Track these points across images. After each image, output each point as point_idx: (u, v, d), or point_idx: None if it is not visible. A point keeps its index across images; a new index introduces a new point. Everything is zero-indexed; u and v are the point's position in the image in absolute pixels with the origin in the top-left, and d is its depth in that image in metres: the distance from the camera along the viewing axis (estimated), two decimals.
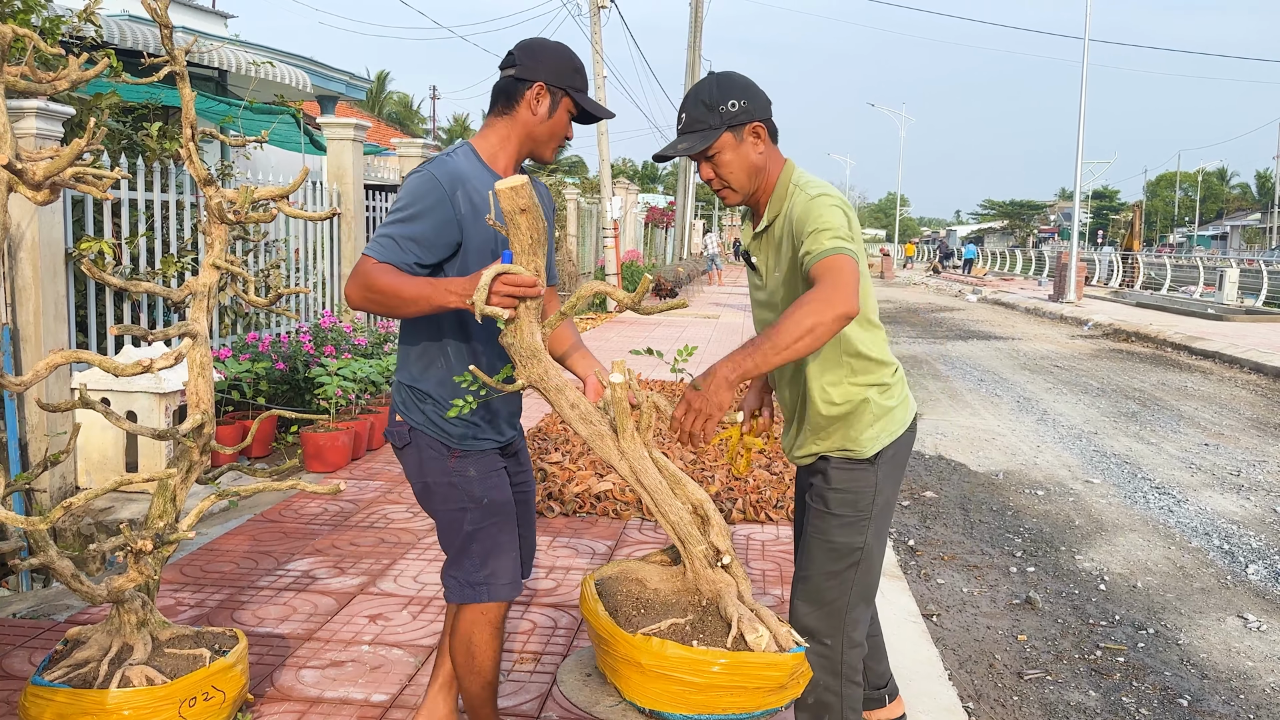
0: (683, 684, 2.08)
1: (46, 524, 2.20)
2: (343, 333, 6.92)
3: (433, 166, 2.25)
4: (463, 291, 2.07)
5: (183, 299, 2.76)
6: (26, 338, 4.77)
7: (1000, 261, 47.46)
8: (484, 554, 2.36)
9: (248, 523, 4.72)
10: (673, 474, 2.30)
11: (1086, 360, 13.75)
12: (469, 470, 2.34)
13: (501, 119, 2.34)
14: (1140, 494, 6.54)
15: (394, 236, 2.17)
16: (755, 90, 2.36)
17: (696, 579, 2.27)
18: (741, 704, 2.11)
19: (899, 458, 2.45)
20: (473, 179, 2.26)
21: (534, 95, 2.29)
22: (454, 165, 2.26)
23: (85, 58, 2.74)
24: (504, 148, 2.35)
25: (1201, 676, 3.88)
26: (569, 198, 18.93)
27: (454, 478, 2.34)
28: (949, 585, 4.83)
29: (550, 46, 2.35)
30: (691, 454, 5.99)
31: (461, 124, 58.78)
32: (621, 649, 2.15)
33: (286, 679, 3.09)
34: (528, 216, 2.01)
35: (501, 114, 2.34)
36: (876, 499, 2.42)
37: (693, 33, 26.79)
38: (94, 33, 6.28)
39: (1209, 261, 31.48)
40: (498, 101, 2.35)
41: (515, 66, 2.31)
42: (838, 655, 2.43)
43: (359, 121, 8.37)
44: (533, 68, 2.30)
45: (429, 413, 2.33)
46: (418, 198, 2.20)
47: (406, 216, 2.19)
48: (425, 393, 2.33)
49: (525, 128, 2.33)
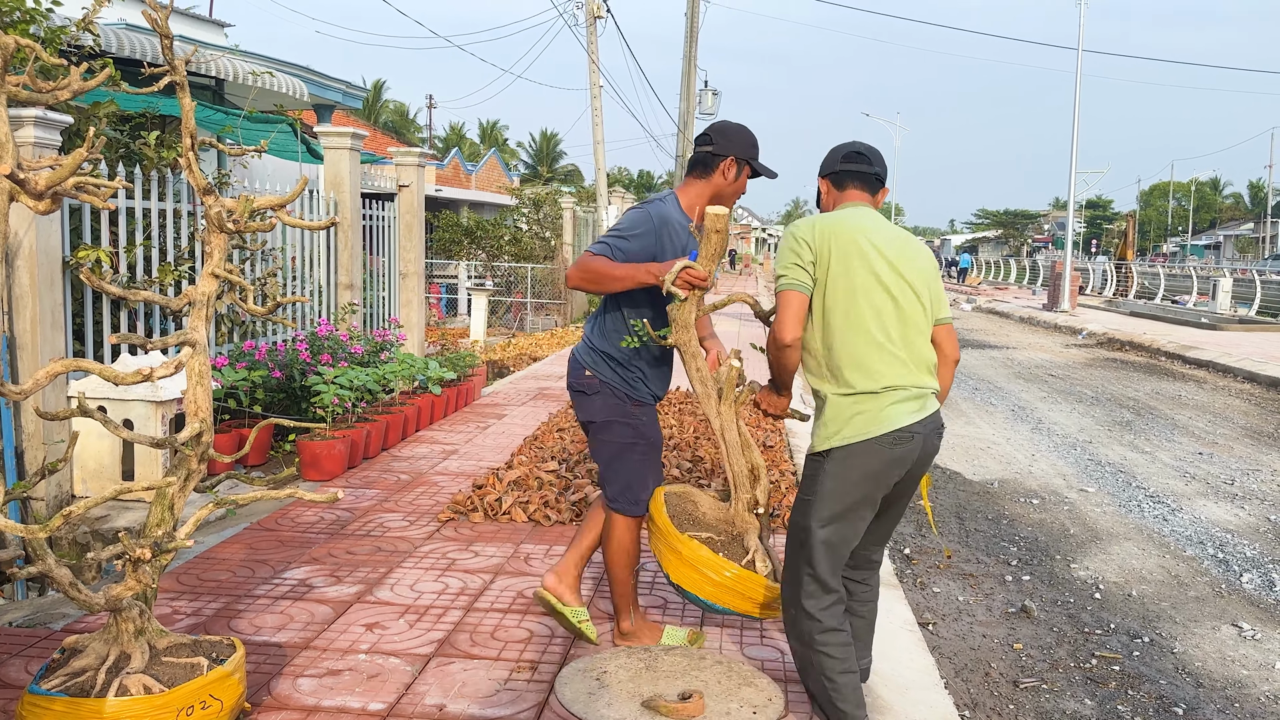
0: (703, 577, 3.03)
1: (46, 533, 2.20)
2: (339, 341, 6.93)
3: (650, 207, 3.22)
4: (659, 272, 2.97)
5: (181, 307, 2.77)
6: (24, 346, 4.77)
7: (995, 270, 47.58)
8: (645, 479, 3.26)
9: (245, 531, 4.72)
10: (745, 439, 3.16)
11: (1081, 369, 13.79)
12: (642, 416, 3.27)
13: (700, 180, 3.26)
14: (1135, 503, 6.55)
15: (612, 245, 3.10)
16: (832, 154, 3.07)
17: (735, 515, 3.19)
18: (737, 605, 3.06)
19: (857, 464, 2.73)
20: (674, 222, 3.20)
21: (727, 165, 3.22)
22: (664, 209, 3.20)
23: (85, 67, 2.75)
24: (699, 201, 3.25)
25: (1196, 685, 3.89)
26: (565, 206, 18.96)
27: (632, 420, 3.25)
28: (945, 594, 4.84)
29: (735, 128, 3.25)
30: (689, 462, 6.00)
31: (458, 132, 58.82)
32: (671, 540, 3.09)
33: (284, 688, 3.09)
34: (719, 236, 2.89)
35: (700, 177, 3.26)
36: (819, 489, 2.78)
37: (688, 43, 26.88)
38: (92, 42, 6.30)
39: (1202, 271, 31.57)
40: (696, 168, 3.27)
41: (712, 144, 3.20)
42: (793, 622, 2.86)
43: (356, 130, 8.38)
44: (726, 145, 3.21)
45: (616, 370, 3.24)
46: (635, 225, 3.15)
47: (625, 235, 3.13)
48: (613, 356, 3.24)
49: (717, 188, 3.25)
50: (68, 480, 5.04)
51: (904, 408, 2.73)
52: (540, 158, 62.22)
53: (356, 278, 8.26)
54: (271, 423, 3.23)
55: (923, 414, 2.76)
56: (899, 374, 2.74)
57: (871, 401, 2.72)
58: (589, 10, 19.14)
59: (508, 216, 20.03)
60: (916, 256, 2.84)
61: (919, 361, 2.79)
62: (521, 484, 5.48)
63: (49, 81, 2.61)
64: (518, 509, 5.07)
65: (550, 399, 8.84)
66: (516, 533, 4.81)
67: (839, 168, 2.98)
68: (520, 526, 4.92)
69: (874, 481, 2.75)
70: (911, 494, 2.93)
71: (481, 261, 18.03)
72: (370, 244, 9.05)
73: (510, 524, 4.96)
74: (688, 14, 27.07)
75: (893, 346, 2.75)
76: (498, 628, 3.62)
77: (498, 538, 4.71)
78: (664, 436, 6.83)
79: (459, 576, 4.15)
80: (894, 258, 2.78)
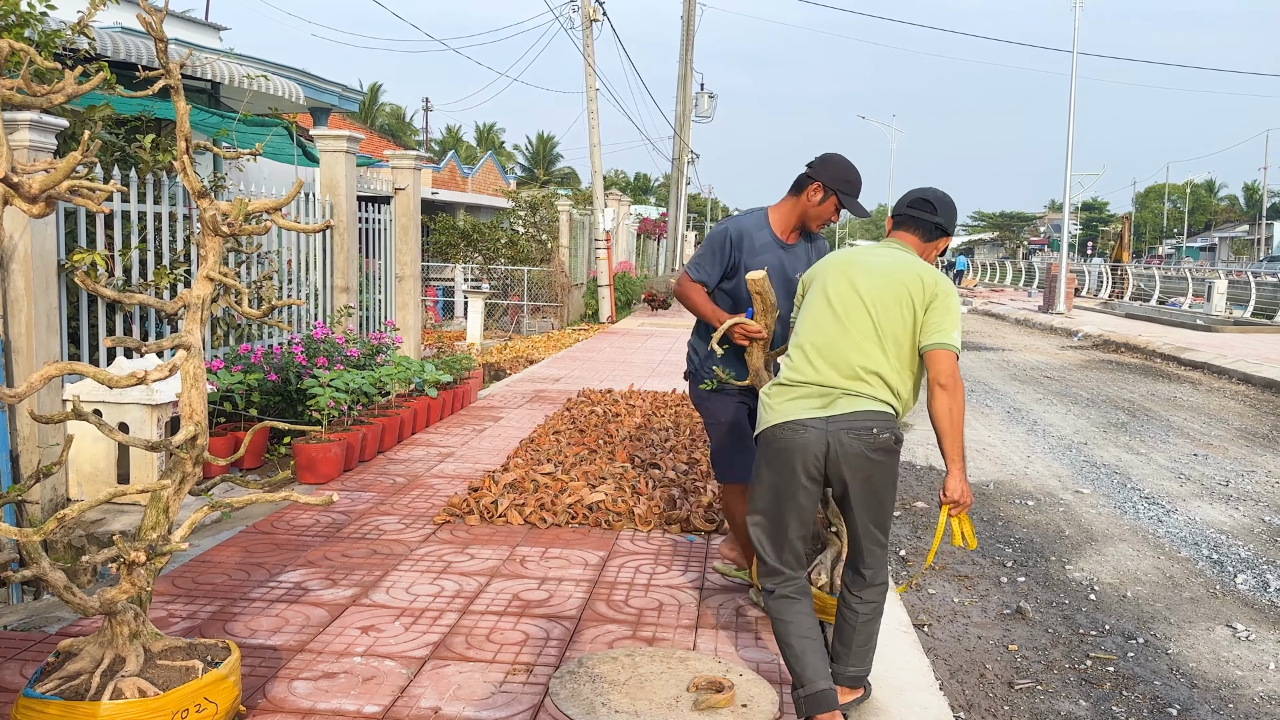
0: None
1: (40, 536, 2.20)
2: (335, 344, 6.92)
3: (730, 222, 3.80)
4: (717, 322, 3.61)
5: (176, 310, 2.77)
6: (19, 349, 4.77)
7: (990, 273, 47.65)
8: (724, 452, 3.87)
9: (240, 534, 4.72)
10: None
11: (1076, 371, 13.82)
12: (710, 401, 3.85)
13: (791, 198, 3.68)
14: (1130, 504, 6.57)
15: (696, 264, 3.76)
16: None
17: None
18: None
19: (769, 447, 3.00)
20: (754, 233, 3.70)
21: (814, 189, 3.60)
22: (743, 222, 3.75)
23: (80, 71, 2.75)
24: (788, 218, 3.72)
25: (1191, 686, 3.90)
26: (562, 209, 18.95)
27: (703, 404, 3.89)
28: (940, 595, 4.85)
29: (837, 159, 3.59)
30: (685, 465, 6.01)
31: (454, 135, 58.80)
32: None
33: (279, 691, 3.09)
34: (760, 297, 3.51)
35: (792, 195, 3.68)
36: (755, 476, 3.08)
37: (684, 46, 26.92)
38: (87, 45, 6.29)
39: (1197, 273, 31.64)
40: (793, 187, 3.67)
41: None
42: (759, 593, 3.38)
43: (352, 134, 8.37)
44: (819, 171, 3.57)
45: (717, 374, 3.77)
46: (709, 243, 3.76)
47: (701, 255, 3.76)
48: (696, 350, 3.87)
49: (803, 208, 3.66)
50: (63, 484, 5.04)
51: (803, 403, 2.95)
52: (537, 160, 62.24)
53: (352, 281, 8.26)
54: (267, 425, 3.23)
55: (826, 411, 2.92)
56: (813, 374, 2.97)
57: (781, 395, 3.01)
58: (585, 13, 19.15)
59: (504, 219, 20.03)
60: (888, 284, 2.99)
61: (846, 367, 2.95)
62: (517, 486, 5.48)
63: (44, 85, 2.61)
64: (513, 511, 5.07)
65: (547, 401, 8.84)
66: (512, 535, 4.81)
67: (900, 210, 3.22)
68: (516, 529, 4.92)
69: (778, 472, 2.96)
70: (868, 499, 2.96)
71: (478, 264, 18.03)
72: (366, 247, 9.04)
73: (506, 526, 4.96)
74: (684, 17, 27.12)
75: (817, 352, 2.98)
76: (493, 630, 3.62)
77: (493, 540, 4.71)
78: (662, 438, 6.86)
79: (455, 579, 4.16)
80: (859, 278, 3.02)
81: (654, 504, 5.16)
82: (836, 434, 2.90)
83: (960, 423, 2.91)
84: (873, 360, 2.95)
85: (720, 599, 3.98)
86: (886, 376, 2.95)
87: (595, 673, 3.23)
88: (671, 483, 5.61)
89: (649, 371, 11.06)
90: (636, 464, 6.04)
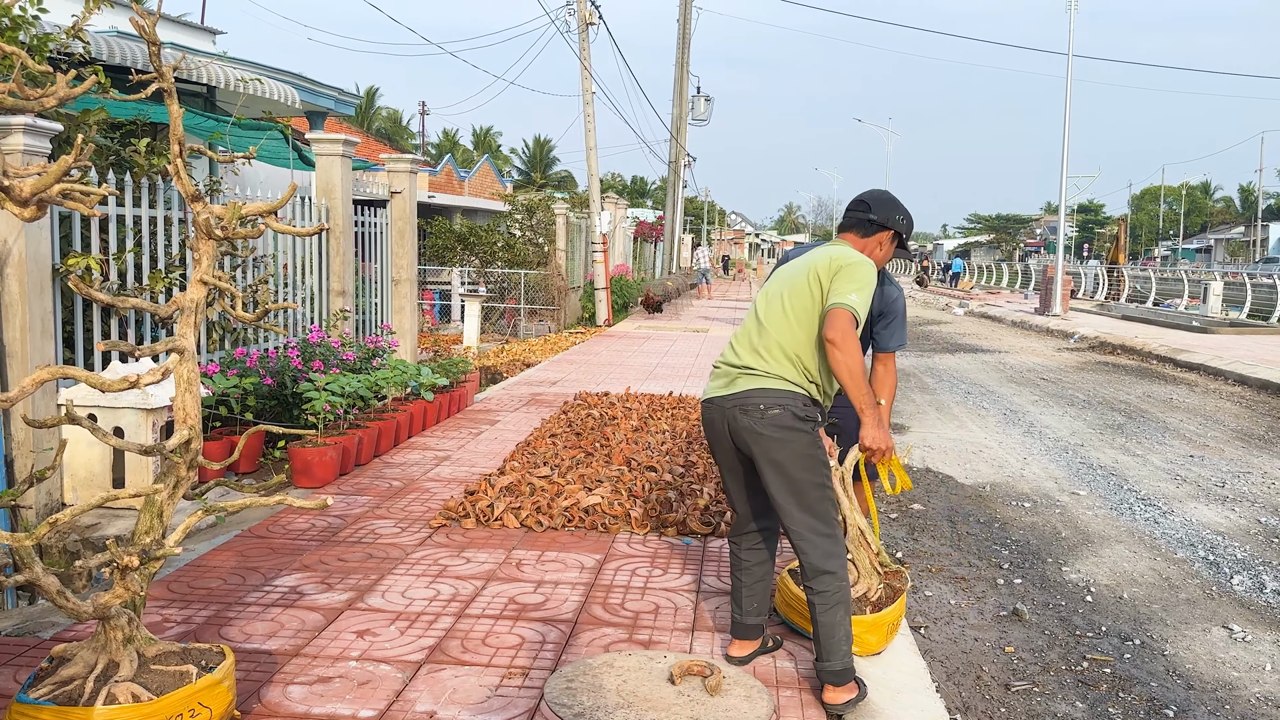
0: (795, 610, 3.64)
1: (33, 540, 2.20)
2: (331, 348, 6.91)
3: None
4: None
5: (170, 314, 2.77)
6: (13, 354, 4.76)
7: (987, 275, 47.70)
8: None
9: (235, 538, 4.71)
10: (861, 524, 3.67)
11: (1073, 373, 13.83)
12: None
13: (857, 240, 3.41)
14: (1126, 505, 6.57)
15: None
16: None
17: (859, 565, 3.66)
18: None
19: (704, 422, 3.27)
20: None
21: (886, 237, 3.42)
22: None
23: (73, 74, 2.75)
24: None
25: (1187, 687, 3.90)
26: (558, 213, 18.95)
27: None
28: (937, 597, 4.84)
29: (893, 202, 3.43)
30: (681, 468, 6.01)
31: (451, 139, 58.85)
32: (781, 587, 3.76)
33: (274, 695, 3.08)
34: None
35: (860, 237, 3.41)
36: None
37: (680, 49, 26.97)
38: (82, 49, 6.28)
39: (1193, 274, 31.70)
40: (855, 228, 3.42)
41: (873, 212, 3.35)
42: None
43: (348, 137, 8.37)
44: (887, 219, 3.40)
45: None
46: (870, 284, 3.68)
47: None
48: None
49: (869, 252, 3.41)
50: (57, 488, 5.02)
51: (713, 384, 3.24)
52: (533, 164, 62.28)
53: (349, 284, 8.25)
54: (262, 429, 3.22)
55: (726, 391, 3.17)
56: (728, 357, 3.23)
57: (714, 374, 3.27)
58: (581, 17, 19.16)
59: (501, 223, 20.01)
60: (799, 268, 3.22)
61: (750, 349, 3.17)
62: (514, 490, 5.48)
63: (37, 89, 2.61)
64: (510, 515, 5.06)
65: (543, 404, 8.84)
66: (509, 539, 4.81)
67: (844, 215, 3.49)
68: (512, 532, 4.92)
69: (710, 445, 3.29)
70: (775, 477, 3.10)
71: (475, 268, 18.02)
72: (363, 250, 9.04)
73: (502, 530, 4.95)
74: (680, 20, 27.16)
75: (738, 339, 3.25)
76: (489, 634, 3.61)
77: (490, 544, 4.71)
78: (659, 441, 6.86)
79: (450, 583, 4.15)
80: (782, 272, 3.29)
81: (650, 507, 5.16)
82: (731, 411, 3.12)
83: (860, 374, 3.02)
84: (781, 339, 3.13)
85: (716, 602, 3.98)
86: (793, 354, 3.11)
87: (591, 676, 3.22)
88: (668, 485, 5.60)
89: (646, 374, 11.06)
90: (633, 467, 6.03)
